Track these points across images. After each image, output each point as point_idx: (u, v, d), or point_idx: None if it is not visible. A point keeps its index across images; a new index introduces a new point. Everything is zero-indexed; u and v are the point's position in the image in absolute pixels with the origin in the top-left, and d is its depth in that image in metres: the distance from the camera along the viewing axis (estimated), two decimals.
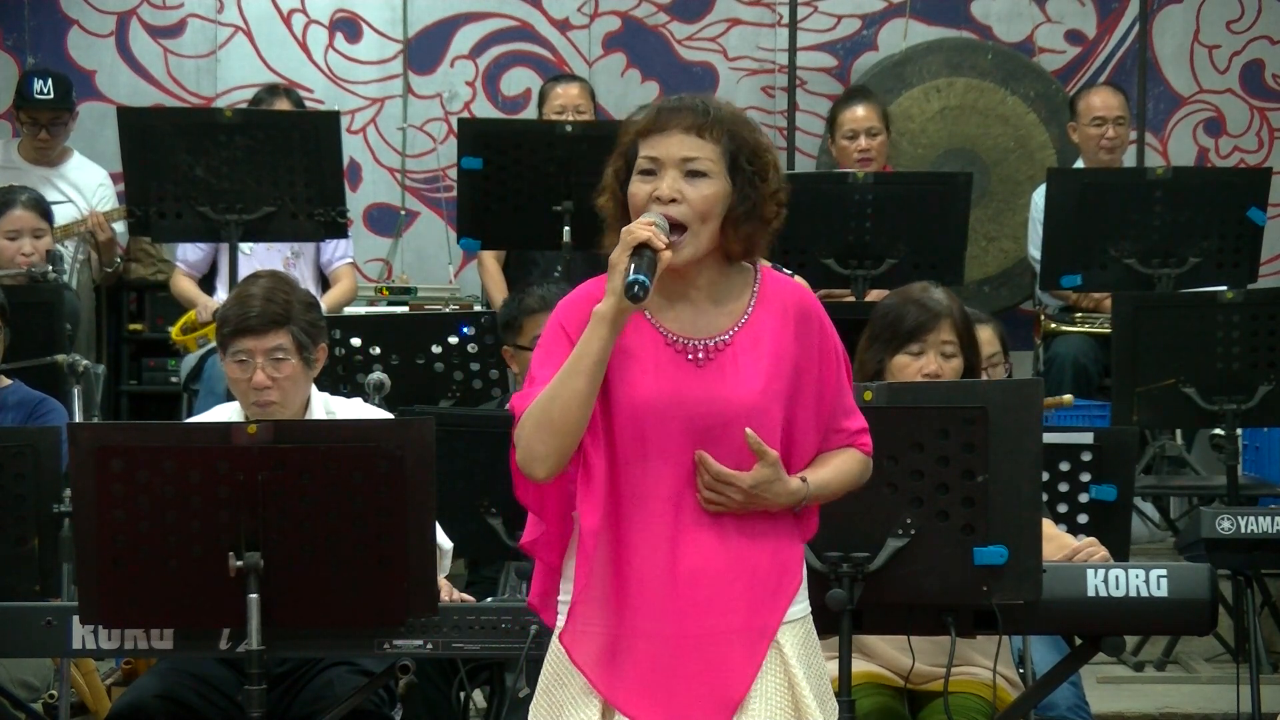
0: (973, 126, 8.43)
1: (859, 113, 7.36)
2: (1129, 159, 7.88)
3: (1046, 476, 4.37)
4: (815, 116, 8.49)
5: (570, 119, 6.94)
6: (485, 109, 8.53)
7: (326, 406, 4.60)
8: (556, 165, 6.27)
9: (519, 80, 8.58)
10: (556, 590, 3.25)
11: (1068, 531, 4.33)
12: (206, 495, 3.82)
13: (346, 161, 7.00)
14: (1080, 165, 7.53)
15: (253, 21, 8.55)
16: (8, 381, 5.40)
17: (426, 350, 5.69)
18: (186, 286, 7.04)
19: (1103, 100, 7.49)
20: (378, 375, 5.33)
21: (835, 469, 3.28)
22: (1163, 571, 3.80)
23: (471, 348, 5.70)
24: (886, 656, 4.12)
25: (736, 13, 8.66)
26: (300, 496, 3.84)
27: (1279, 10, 8.74)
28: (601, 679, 3.15)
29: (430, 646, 3.99)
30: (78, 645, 4.01)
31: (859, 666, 3.97)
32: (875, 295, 6.01)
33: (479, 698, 5.13)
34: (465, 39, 8.61)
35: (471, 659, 4.40)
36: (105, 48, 8.51)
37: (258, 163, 6.27)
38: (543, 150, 6.30)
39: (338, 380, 5.45)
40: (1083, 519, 4.48)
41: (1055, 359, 7.19)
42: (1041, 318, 7.48)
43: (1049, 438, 3.97)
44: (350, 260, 7.23)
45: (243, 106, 7.53)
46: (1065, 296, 7.27)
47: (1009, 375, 4.90)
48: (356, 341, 5.63)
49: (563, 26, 8.62)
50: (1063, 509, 4.48)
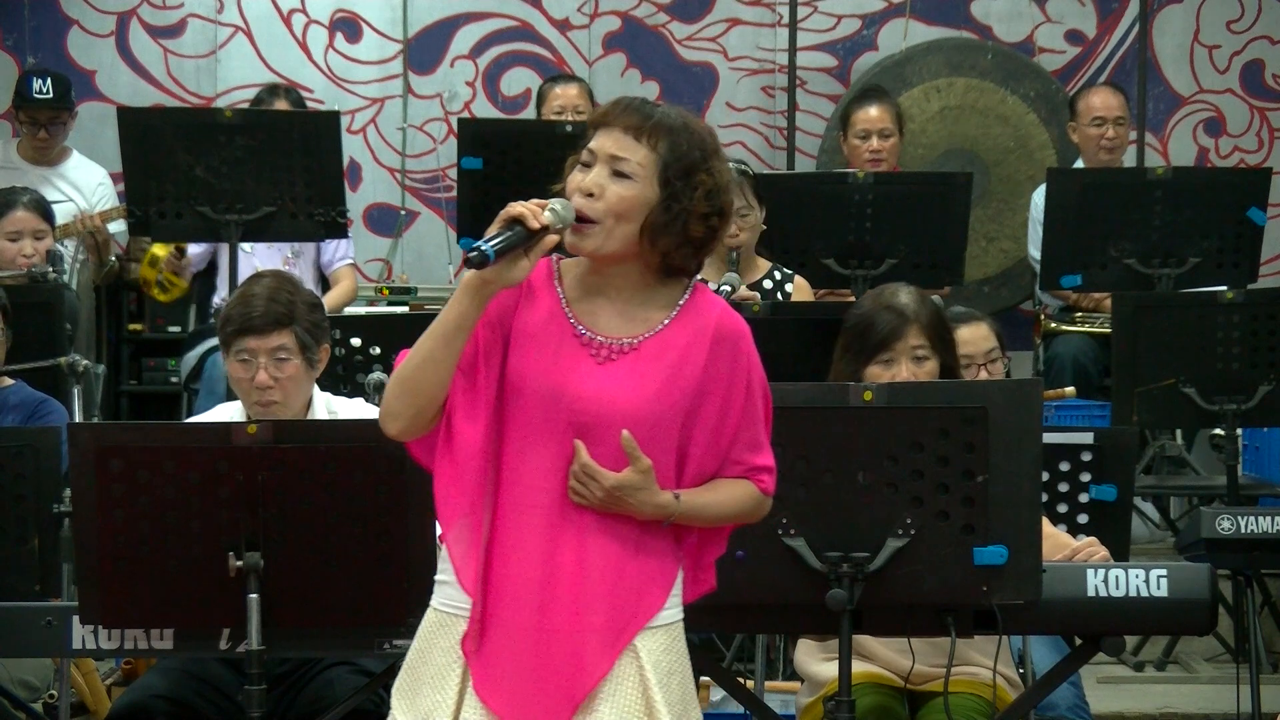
0: (973, 126, 8.43)
1: (873, 113, 7.35)
2: (1129, 159, 7.88)
3: (1046, 476, 4.36)
4: (815, 116, 8.50)
5: (570, 119, 6.94)
6: (485, 109, 8.53)
7: (328, 406, 4.61)
8: (556, 165, 6.24)
9: (519, 80, 8.59)
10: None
11: (1067, 531, 4.33)
12: (206, 495, 3.82)
13: (346, 161, 7.00)
14: (1080, 165, 7.53)
15: (253, 21, 8.55)
16: (10, 382, 5.41)
17: None
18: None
19: (1103, 100, 7.49)
20: (378, 375, 5.31)
21: (718, 496, 3.25)
22: (1163, 571, 3.80)
23: None
24: (885, 659, 4.12)
25: (736, 13, 8.66)
26: (300, 496, 3.84)
27: (1279, 10, 8.74)
28: (474, 661, 3.16)
29: None
30: (78, 645, 4.00)
31: (858, 667, 3.97)
32: None
33: None
34: (465, 39, 8.62)
35: None
36: (105, 48, 8.51)
37: (258, 163, 6.27)
38: (543, 150, 6.29)
39: (338, 380, 5.44)
40: (1083, 519, 4.48)
41: (1055, 359, 7.19)
42: (1041, 318, 7.49)
43: (1049, 438, 3.96)
44: (350, 260, 7.24)
45: (243, 106, 7.53)
46: (1065, 296, 7.28)
47: (1008, 371, 4.90)
48: (356, 341, 5.61)
49: (563, 26, 8.63)
50: (1063, 509, 4.48)
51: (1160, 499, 7.12)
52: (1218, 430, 6.26)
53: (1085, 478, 4.47)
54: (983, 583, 3.62)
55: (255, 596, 3.80)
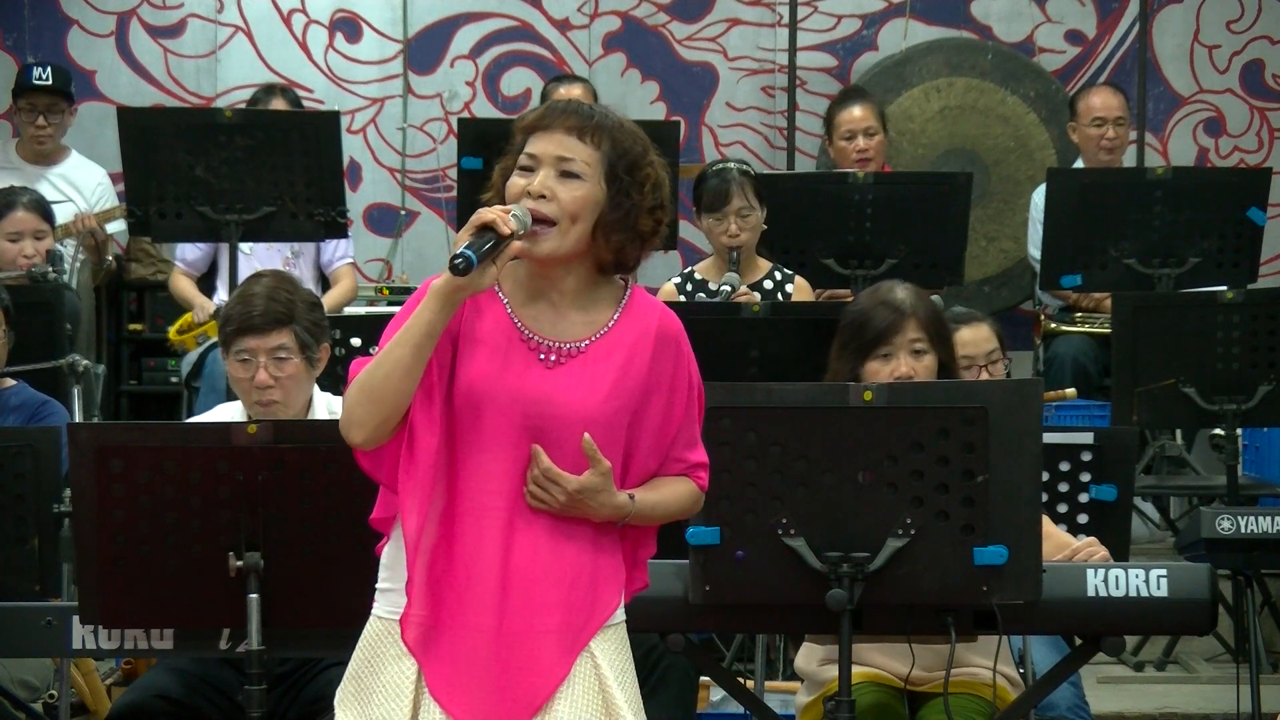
0: (973, 126, 8.43)
1: (856, 113, 7.35)
2: (1129, 159, 7.88)
3: (1046, 476, 4.37)
4: (815, 116, 8.49)
5: None
6: (485, 109, 8.53)
7: (329, 406, 4.61)
8: None
9: (519, 80, 8.59)
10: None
11: (1067, 531, 4.33)
12: (206, 495, 3.82)
13: (346, 161, 7.00)
14: (1080, 165, 7.53)
15: (253, 21, 8.55)
16: (11, 383, 5.40)
17: None
18: (184, 286, 7.04)
19: (1103, 100, 7.49)
20: None
21: (666, 494, 3.29)
22: (1163, 571, 3.80)
23: None
24: (885, 666, 4.12)
25: (736, 13, 8.66)
26: (300, 496, 3.84)
27: (1279, 10, 8.74)
28: (425, 664, 3.16)
29: None
30: (78, 645, 4.01)
31: (857, 667, 3.97)
32: None
33: None
34: (465, 39, 8.61)
35: None
36: (105, 48, 8.51)
37: (258, 163, 6.27)
38: None
39: (338, 380, 5.44)
40: (1083, 519, 4.48)
41: (1055, 359, 7.19)
42: (1041, 318, 7.49)
43: (1049, 438, 3.97)
44: (350, 260, 7.23)
45: (242, 106, 7.53)
46: (1065, 296, 7.28)
47: (1008, 371, 4.90)
48: (356, 341, 5.61)
49: (563, 26, 8.63)
50: (1063, 509, 4.48)
51: (1160, 499, 7.12)
52: (1218, 430, 6.26)
53: (1085, 478, 4.48)
54: (983, 583, 3.62)
55: (255, 596, 3.80)
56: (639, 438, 3.24)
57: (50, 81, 7.50)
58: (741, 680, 4.29)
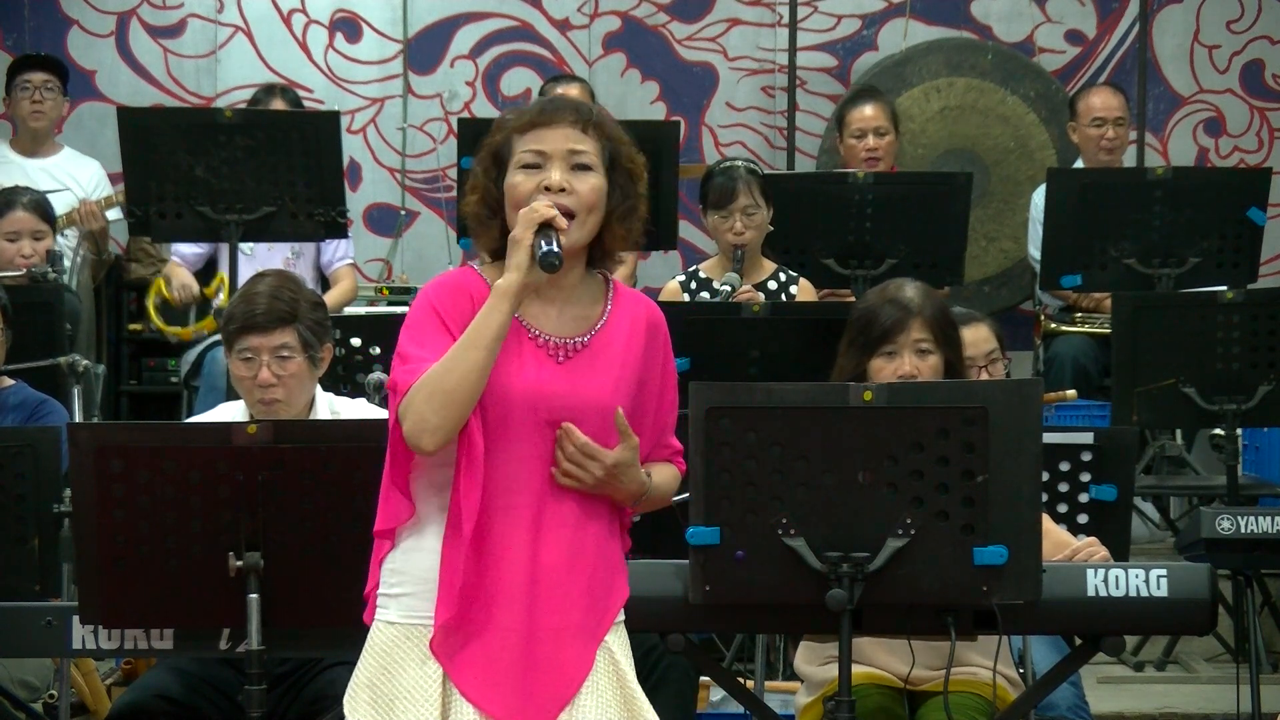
0: (973, 126, 8.43)
1: (867, 112, 7.34)
2: (1129, 159, 7.88)
3: (1046, 476, 4.37)
4: (815, 116, 8.50)
5: None
6: (485, 109, 8.53)
7: (331, 406, 4.61)
8: None
9: (519, 80, 8.59)
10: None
11: (1068, 531, 4.32)
12: (206, 495, 3.82)
13: (346, 161, 7.00)
14: (1080, 165, 7.53)
15: (253, 21, 8.55)
16: (10, 383, 5.40)
17: None
18: (174, 269, 7.07)
19: (1102, 101, 7.49)
20: (378, 375, 5.32)
21: (662, 477, 3.42)
22: (1163, 571, 3.79)
23: None
24: (885, 664, 4.12)
25: (736, 13, 8.66)
26: (300, 496, 3.84)
27: (1279, 10, 8.74)
28: (455, 667, 3.18)
29: None
30: (78, 645, 4.01)
31: (857, 667, 3.97)
32: None
33: None
34: (465, 39, 8.62)
35: None
36: (105, 48, 8.51)
37: (258, 163, 6.27)
38: None
39: (338, 380, 5.45)
40: (1083, 519, 4.48)
41: (1055, 359, 7.19)
42: (1041, 318, 7.49)
43: (1049, 438, 3.96)
44: (350, 260, 7.24)
45: (242, 106, 7.53)
46: (1065, 296, 7.28)
47: (1008, 371, 4.90)
48: (356, 341, 5.62)
49: (563, 26, 8.63)
50: (1063, 509, 4.48)
51: (1160, 499, 7.12)
52: (1218, 430, 6.26)
53: (1085, 478, 4.48)
54: (983, 583, 3.61)
55: (255, 596, 3.80)
56: (637, 425, 3.31)
57: (45, 59, 7.60)
58: (741, 680, 4.28)
